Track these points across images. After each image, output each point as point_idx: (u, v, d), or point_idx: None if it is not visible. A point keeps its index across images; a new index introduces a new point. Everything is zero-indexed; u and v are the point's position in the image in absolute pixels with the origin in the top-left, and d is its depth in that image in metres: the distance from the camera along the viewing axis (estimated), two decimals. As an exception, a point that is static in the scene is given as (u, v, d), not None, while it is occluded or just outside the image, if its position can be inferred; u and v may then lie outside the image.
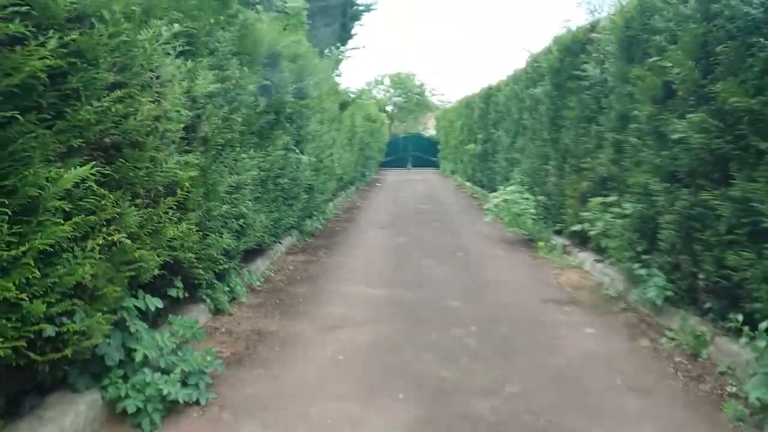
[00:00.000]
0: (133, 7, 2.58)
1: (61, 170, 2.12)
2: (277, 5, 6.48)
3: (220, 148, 3.85)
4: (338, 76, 12.40)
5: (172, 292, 3.37)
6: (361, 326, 4.24)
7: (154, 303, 2.97)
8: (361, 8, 12.89)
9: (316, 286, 5.41)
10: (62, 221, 2.15)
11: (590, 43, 5.70)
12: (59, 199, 2.10)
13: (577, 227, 5.74)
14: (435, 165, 26.23)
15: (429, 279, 5.70)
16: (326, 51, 11.21)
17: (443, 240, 7.98)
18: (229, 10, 4.01)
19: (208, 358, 3.07)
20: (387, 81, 34.99)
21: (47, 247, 2.12)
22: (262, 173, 4.97)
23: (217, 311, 4.19)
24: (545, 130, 7.17)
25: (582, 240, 6.23)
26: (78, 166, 2.19)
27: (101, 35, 2.29)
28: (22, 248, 2.03)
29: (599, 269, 5.75)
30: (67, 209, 2.20)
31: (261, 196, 5.14)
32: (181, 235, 3.12)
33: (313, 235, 8.09)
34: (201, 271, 3.61)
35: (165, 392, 2.72)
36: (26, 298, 2.06)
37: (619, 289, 5.07)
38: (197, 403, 2.88)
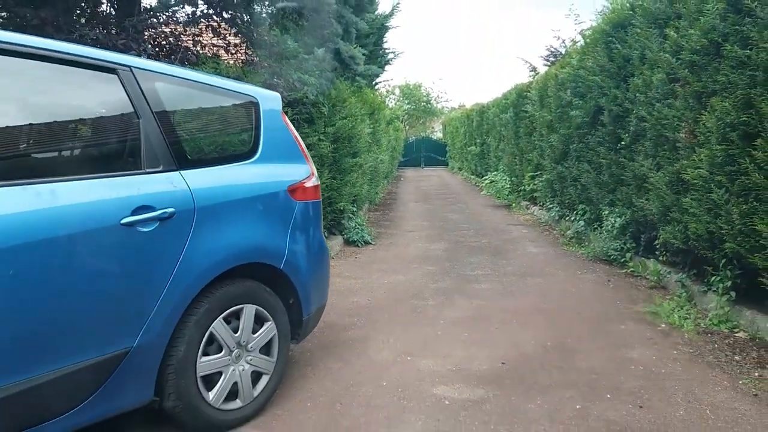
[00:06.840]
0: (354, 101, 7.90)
1: (349, 160, 7.42)
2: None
3: (365, 153, 9.14)
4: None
5: (353, 209, 8.64)
6: (421, 231, 9.55)
7: (354, 208, 8.28)
8: (390, 55, 17.75)
9: (392, 222, 10.73)
10: (349, 176, 7.47)
11: (528, 93, 10.97)
12: (350, 166, 7.41)
13: (523, 188, 11.06)
14: (444, 163, 31.06)
15: (449, 219, 10.99)
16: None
17: (455, 206, 13.26)
18: (363, 95, 9.32)
19: (371, 230, 8.38)
20: (397, 92, 38.97)
21: (340, 184, 7.42)
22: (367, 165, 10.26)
23: (359, 224, 9.54)
24: (512, 139, 12.44)
25: (535, 202, 11.48)
26: (350, 158, 7.50)
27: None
28: (341, 182, 7.34)
29: (540, 213, 11.00)
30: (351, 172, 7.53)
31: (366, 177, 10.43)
32: (357, 186, 8.41)
33: (377, 204, 13.42)
34: (361, 202, 8.90)
35: (364, 236, 8.03)
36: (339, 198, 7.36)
37: (545, 219, 10.31)
38: (372, 243, 8.18)
